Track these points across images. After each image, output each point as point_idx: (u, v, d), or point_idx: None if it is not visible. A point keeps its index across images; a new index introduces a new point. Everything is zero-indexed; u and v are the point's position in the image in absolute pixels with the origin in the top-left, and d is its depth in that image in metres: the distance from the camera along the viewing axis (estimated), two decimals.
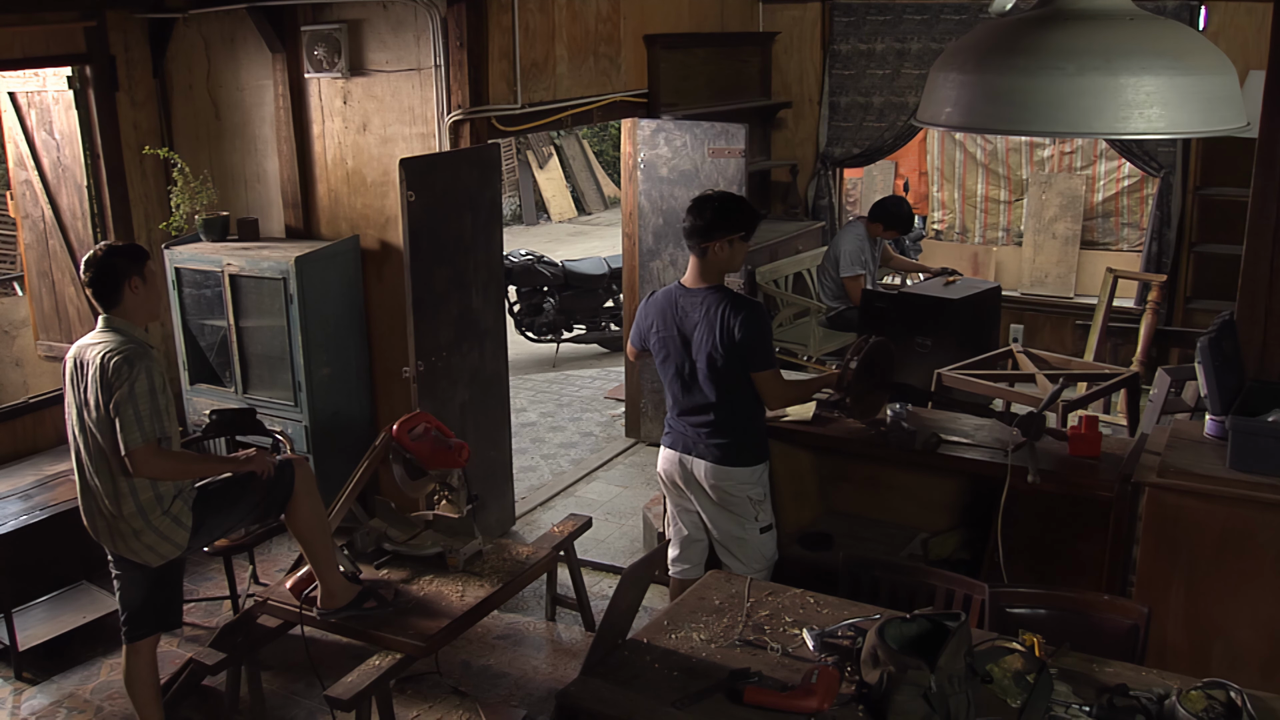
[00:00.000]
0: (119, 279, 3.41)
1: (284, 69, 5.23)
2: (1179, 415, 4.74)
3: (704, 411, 3.76)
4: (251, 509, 3.65)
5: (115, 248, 3.49)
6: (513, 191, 15.83)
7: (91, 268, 3.41)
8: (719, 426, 3.76)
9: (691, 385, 3.75)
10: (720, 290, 3.69)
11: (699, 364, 3.70)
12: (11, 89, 5.41)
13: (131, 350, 3.33)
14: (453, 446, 4.00)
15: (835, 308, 6.49)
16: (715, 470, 3.79)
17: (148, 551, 3.47)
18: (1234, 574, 3.37)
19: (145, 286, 3.46)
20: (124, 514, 3.41)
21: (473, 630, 4.30)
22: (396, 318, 5.14)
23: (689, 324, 3.70)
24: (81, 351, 3.43)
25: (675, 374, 3.79)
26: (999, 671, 2.59)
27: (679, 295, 3.76)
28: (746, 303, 3.69)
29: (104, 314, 3.45)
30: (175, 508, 3.47)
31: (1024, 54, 2.56)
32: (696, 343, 3.69)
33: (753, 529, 3.84)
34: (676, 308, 3.75)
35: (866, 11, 7.13)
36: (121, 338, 3.39)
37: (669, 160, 6.02)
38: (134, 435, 3.29)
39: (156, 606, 3.61)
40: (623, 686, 2.69)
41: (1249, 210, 3.93)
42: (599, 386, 7.96)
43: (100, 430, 3.37)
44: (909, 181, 8.62)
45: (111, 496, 3.41)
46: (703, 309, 3.68)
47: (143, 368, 3.30)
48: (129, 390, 3.27)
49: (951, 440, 4.03)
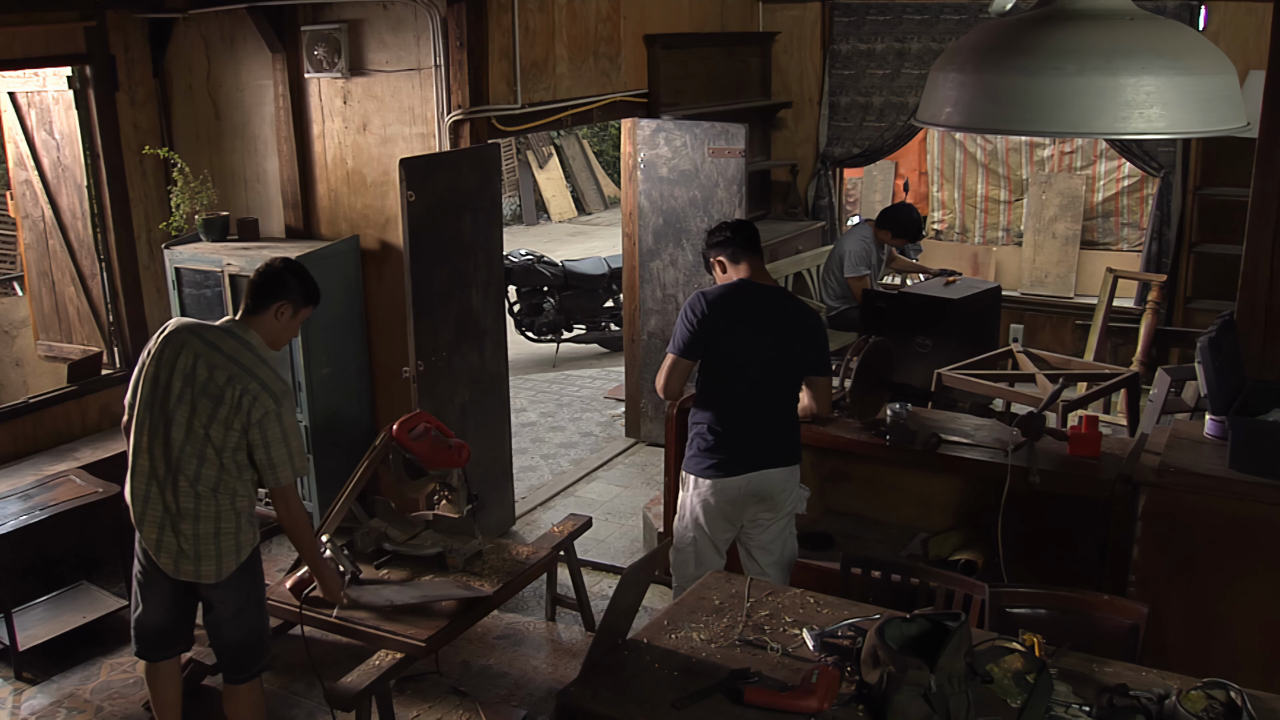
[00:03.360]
0: (278, 295, 3.31)
1: (284, 69, 5.23)
2: (1179, 415, 4.74)
3: (784, 411, 3.76)
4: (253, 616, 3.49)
5: (298, 268, 3.39)
6: (513, 191, 15.82)
7: (263, 270, 3.33)
8: (792, 423, 3.78)
9: (773, 382, 3.70)
10: (784, 290, 3.81)
11: (783, 359, 3.68)
12: (11, 89, 5.41)
13: (280, 388, 3.24)
14: (453, 446, 3.99)
15: (836, 307, 6.49)
16: (793, 471, 3.78)
17: (211, 564, 3.31)
18: (1234, 573, 3.37)
19: (290, 321, 3.37)
20: (200, 529, 3.26)
21: (473, 630, 4.30)
22: (396, 318, 5.14)
23: (768, 321, 3.66)
24: (207, 348, 3.23)
25: (756, 370, 3.66)
26: (999, 671, 2.59)
27: (749, 291, 3.69)
28: (810, 307, 3.84)
29: (239, 317, 3.32)
30: (244, 536, 3.34)
31: (1024, 54, 2.56)
32: (780, 337, 3.66)
33: (792, 520, 3.85)
34: (750, 303, 3.66)
35: (866, 11, 7.13)
36: (261, 363, 3.25)
37: (669, 160, 6.02)
38: (288, 473, 3.25)
39: (183, 626, 3.51)
40: (623, 686, 2.69)
41: (1249, 210, 3.93)
42: (599, 386, 7.96)
43: (206, 445, 3.21)
44: (909, 181, 8.61)
45: (191, 504, 3.24)
46: (779, 305, 3.70)
47: (289, 405, 3.25)
48: (281, 431, 3.21)
49: (951, 440, 4.03)
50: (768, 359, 3.64)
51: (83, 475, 4.75)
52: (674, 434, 4.51)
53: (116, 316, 5.51)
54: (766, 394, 3.68)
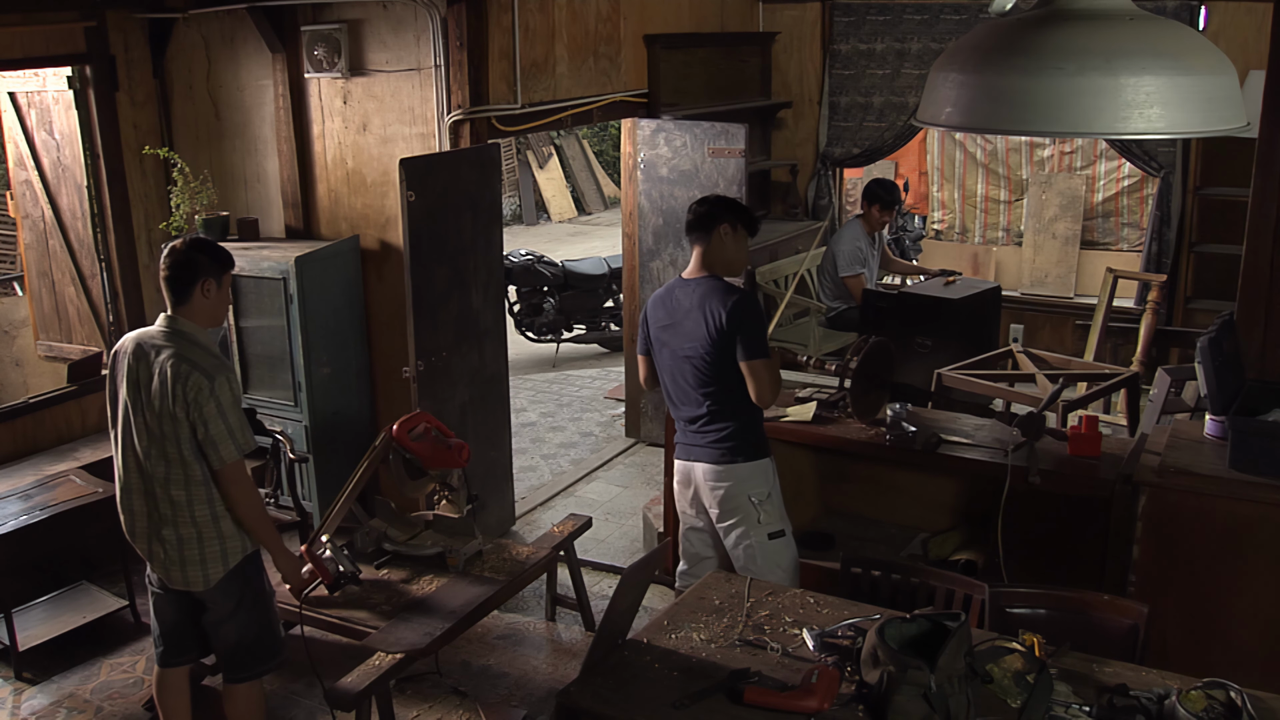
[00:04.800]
0: (195, 278, 3.25)
1: (284, 69, 5.23)
2: (1179, 415, 4.74)
3: (697, 405, 3.69)
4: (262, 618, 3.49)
5: (201, 243, 3.32)
6: (513, 191, 15.82)
7: (170, 260, 3.26)
8: (712, 421, 3.68)
9: (685, 379, 3.69)
10: (713, 279, 3.66)
11: (691, 353, 3.64)
12: (11, 89, 5.41)
13: (211, 363, 3.19)
14: (453, 446, 3.99)
15: (835, 307, 6.49)
16: (714, 471, 3.69)
17: (196, 570, 3.30)
18: (1234, 573, 3.37)
19: (218, 293, 3.31)
20: (180, 533, 3.25)
21: (473, 630, 4.30)
22: (396, 318, 5.14)
23: (681, 312, 3.67)
24: (143, 351, 3.22)
25: (670, 367, 3.74)
26: (999, 671, 2.59)
27: (676, 286, 3.74)
28: (736, 290, 3.64)
29: (169, 312, 3.28)
30: (230, 543, 3.32)
31: (1024, 54, 2.56)
32: (688, 331, 3.64)
33: (759, 533, 3.68)
34: (673, 298, 3.72)
35: (866, 11, 7.13)
36: (192, 345, 3.22)
37: (669, 160, 6.02)
38: (230, 449, 3.19)
39: (196, 630, 3.48)
40: (623, 687, 2.69)
41: (1249, 210, 3.93)
42: (599, 386, 7.96)
43: (164, 442, 3.20)
44: (909, 181, 8.61)
45: (169, 510, 3.24)
46: (695, 297, 3.64)
47: (223, 379, 3.19)
48: (217, 406, 3.15)
49: (951, 440, 4.03)
50: (683, 355, 3.67)
51: (83, 475, 4.76)
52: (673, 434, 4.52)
53: (116, 316, 5.51)
54: (684, 390, 3.72)
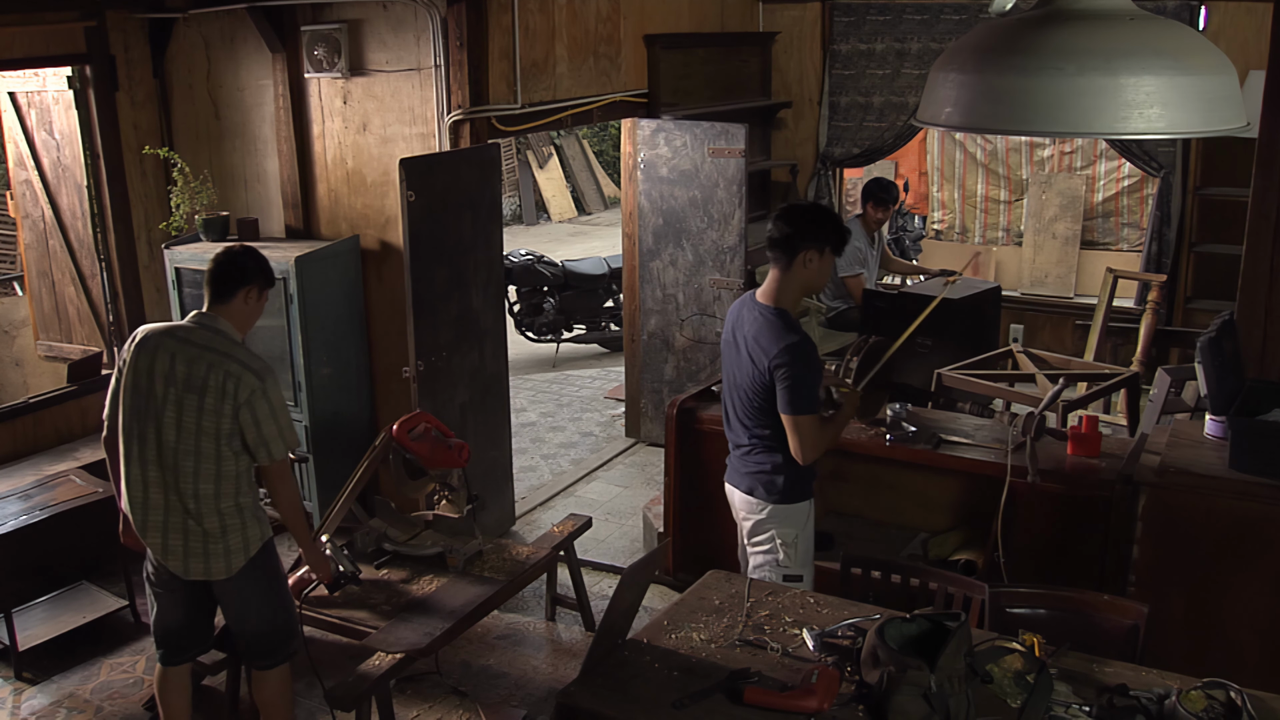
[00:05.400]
0: (243, 281, 3.31)
1: (284, 69, 5.23)
2: (1179, 415, 4.74)
3: (741, 435, 3.53)
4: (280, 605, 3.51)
5: (254, 252, 3.40)
6: (513, 191, 15.82)
7: (222, 258, 3.32)
8: (752, 453, 3.51)
9: (734, 406, 3.54)
10: (776, 314, 3.38)
11: (741, 384, 3.47)
12: (11, 89, 5.41)
13: (260, 365, 3.26)
14: (453, 446, 4.00)
15: (835, 307, 6.49)
16: (746, 502, 3.54)
17: (218, 560, 3.31)
18: (1234, 573, 3.37)
19: (257, 303, 3.38)
20: (205, 525, 3.27)
21: (473, 630, 4.30)
22: (396, 318, 5.14)
23: (740, 338, 3.47)
24: (179, 346, 3.23)
25: (726, 386, 3.58)
26: (999, 671, 2.59)
27: (746, 306, 3.51)
28: (791, 334, 3.33)
29: (207, 310, 3.32)
30: (251, 531, 3.35)
31: (1024, 54, 2.56)
32: (742, 362, 3.45)
33: (776, 573, 3.50)
34: (741, 318, 3.50)
35: (866, 11, 7.13)
36: (235, 345, 3.27)
37: (669, 160, 6.02)
38: (280, 447, 3.27)
39: (202, 627, 3.51)
40: (622, 687, 2.69)
41: (1249, 210, 3.94)
42: (599, 386, 7.96)
43: (200, 437, 3.22)
44: (909, 181, 8.61)
45: (194, 504, 3.25)
46: (755, 327, 3.40)
47: (273, 380, 3.26)
48: (269, 406, 3.23)
49: (951, 440, 4.03)
50: (735, 382, 3.52)
51: (83, 475, 4.76)
52: (674, 434, 4.52)
53: (116, 316, 5.51)
54: (732, 416, 3.58)
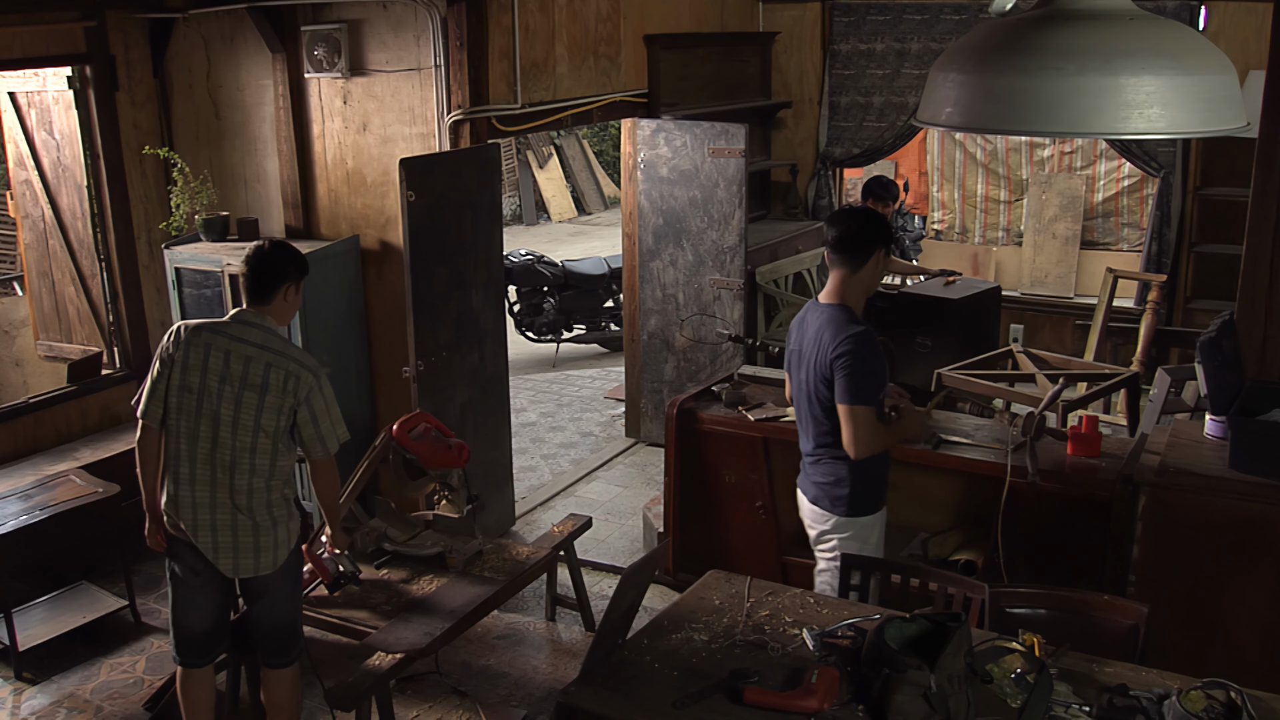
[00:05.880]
0: (281, 280, 3.37)
1: (284, 69, 5.23)
2: (1179, 415, 4.74)
3: (811, 440, 3.50)
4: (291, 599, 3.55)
5: (285, 246, 3.44)
6: (513, 191, 15.82)
7: (257, 260, 3.36)
8: (820, 460, 3.47)
9: (804, 410, 3.50)
10: (840, 309, 3.38)
11: (808, 384, 3.43)
12: (11, 89, 5.41)
13: (313, 362, 3.35)
14: (453, 446, 4.00)
15: None
16: (813, 512, 3.52)
17: (267, 554, 3.35)
18: (1234, 573, 3.37)
19: (296, 297, 3.44)
20: (256, 519, 3.31)
21: (473, 630, 4.30)
22: (396, 318, 5.14)
23: (806, 339, 3.45)
24: (231, 344, 3.27)
25: (796, 395, 3.54)
26: (999, 671, 2.59)
27: (810, 310, 3.50)
28: (854, 324, 3.33)
29: (249, 308, 3.36)
30: (294, 524, 3.42)
31: (1024, 54, 2.56)
32: (809, 361, 3.42)
33: (837, 582, 3.42)
34: (804, 323, 3.50)
35: (866, 11, 7.13)
36: (287, 344, 3.35)
37: (669, 160, 6.02)
38: (333, 442, 3.39)
39: (225, 628, 3.53)
40: (623, 687, 2.69)
41: (1249, 210, 3.93)
42: (599, 386, 7.96)
43: (256, 434, 3.27)
44: (909, 181, 8.60)
45: (245, 499, 3.29)
46: (818, 323, 3.40)
47: (325, 377, 3.36)
48: (325, 402, 3.35)
49: (951, 440, 4.03)
50: (804, 384, 3.48)
51: (83, 475, 4.76)
52: (674, 434, 4.52)
53: (116, 316, 5.51)
54: (803, 421, 3.55)
